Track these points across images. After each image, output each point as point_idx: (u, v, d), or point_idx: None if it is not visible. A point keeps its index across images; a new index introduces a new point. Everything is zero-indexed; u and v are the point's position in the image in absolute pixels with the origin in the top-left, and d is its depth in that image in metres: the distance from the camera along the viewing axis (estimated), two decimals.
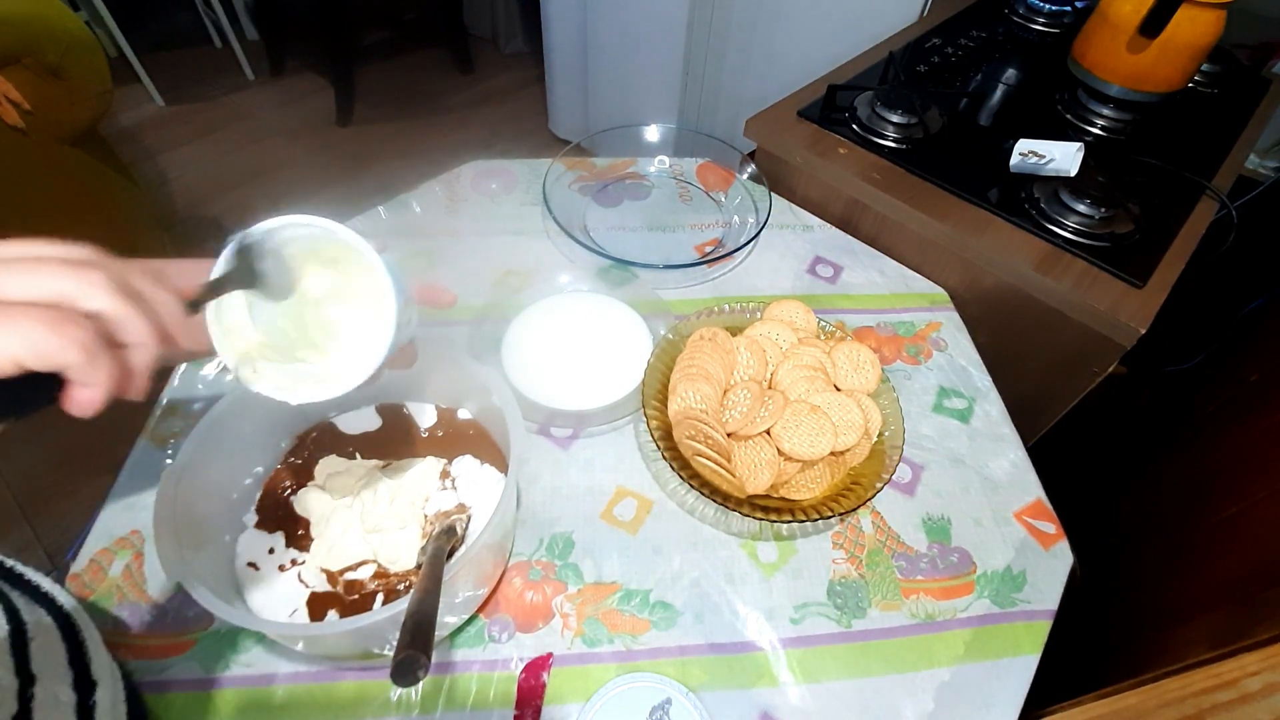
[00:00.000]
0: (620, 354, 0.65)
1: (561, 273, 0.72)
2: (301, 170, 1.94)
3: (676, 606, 0.52)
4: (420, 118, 2.17)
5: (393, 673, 0.32)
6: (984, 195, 0.79)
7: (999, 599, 0.54)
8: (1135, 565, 0.76)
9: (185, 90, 2.11)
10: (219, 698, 0.45)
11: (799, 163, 0.86)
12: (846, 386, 0.59)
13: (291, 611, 0.44)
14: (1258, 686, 0.41)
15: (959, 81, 1.00)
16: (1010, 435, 0.65)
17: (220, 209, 1.80)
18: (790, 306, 0.63)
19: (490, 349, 0.64)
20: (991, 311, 0.77)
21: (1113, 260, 0.73)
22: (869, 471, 0.56)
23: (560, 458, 0.59)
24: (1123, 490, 0.93)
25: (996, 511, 0.59)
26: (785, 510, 0.53)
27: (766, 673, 0.49)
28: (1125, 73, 0.86)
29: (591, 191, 0.84)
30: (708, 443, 0.53)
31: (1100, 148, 0.87)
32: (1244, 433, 0.74)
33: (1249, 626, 0.45)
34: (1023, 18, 1.15)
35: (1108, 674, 0.52)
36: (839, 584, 0.54)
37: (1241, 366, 0.88)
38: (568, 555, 0.53)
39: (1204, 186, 0.84)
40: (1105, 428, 1.11)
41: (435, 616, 0.35)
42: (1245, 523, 0.61)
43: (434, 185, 0.82)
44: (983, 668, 0.50)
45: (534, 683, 0.47)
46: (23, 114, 1.01)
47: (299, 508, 0.48)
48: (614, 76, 1.76)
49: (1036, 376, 0.80)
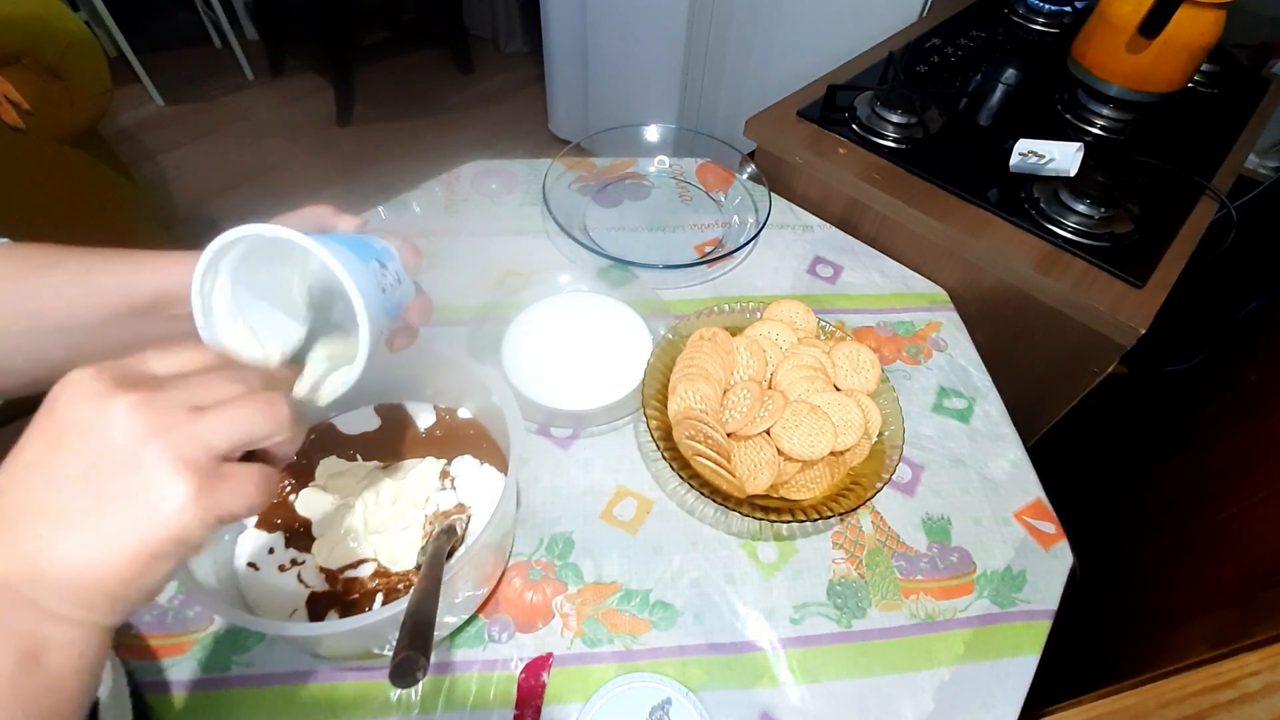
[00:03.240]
0: (620, 354, 0.65)
1: (561, 273, 0.72)
2: (301, 170, 1.93)
3: (676, 606, 0.51)
4: (420, 118, 2.17)
5: (391, 673, 0.31)
6: (984, 195, 0.79)
7: (999, 599, 0.54)
8: (1135, 565, 0.76)
9: (185, 90, 2.11)
10: (219, 698, 0.45)
11: (799, 163, 0.86)
12: (846, 386, 0.59)
13: (291, 611, 0.44)
14: (1258, 686, 0.41)
15: (959, 81, 1.00)
16: (1010, 435, 0.65)
17: (220, 209, 1.80)
18: (790, 306, 0.63)
19: (490, 349, 0.64)
20: (991, 311, 0.77)
21: (1112, 260, 0.73)
22: (869, 471, 0.56)
23: (560, 458, 0.59)
24: (1123, 490, 0.93)
25: (996, 511, 0.59)
26: (785, 510, 0.53)
27: (766, 673, 0.49)
28: (1125, 73, 0.86)
29: (591, 191, 0.84)
30: (708, 443, 0.53)
31: (1100, 148, 0.87)
32: (1244, 433, 0.74)
33: (1249, 626, 0.45)
34: (1022, 18, 1.15)
35: (1108, 674, 0.52)
36: (839, 584, 0.54)
37: (1241, 366, 0.88)
38: (568, 555, 0.53)
39: (1204, 186, 0.84)
40: (1105, 428, 1.11)
41: (435, 617, 0.35)
42: (1245, 523, 0.61)
43: (434, 185, 0.82)
44: (983, 668, 0.50)
45: (534, 683, 0.47)
46: (23, 114, 1.01)
47: (299, 508, 0.48)
48: (614, 76, 1.76)
49: (1036, 376, 0.80)
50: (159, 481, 0.23)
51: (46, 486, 0.23)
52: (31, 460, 0.23)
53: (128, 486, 0.23)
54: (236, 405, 0.25)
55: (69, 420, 0.23)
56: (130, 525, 0.22)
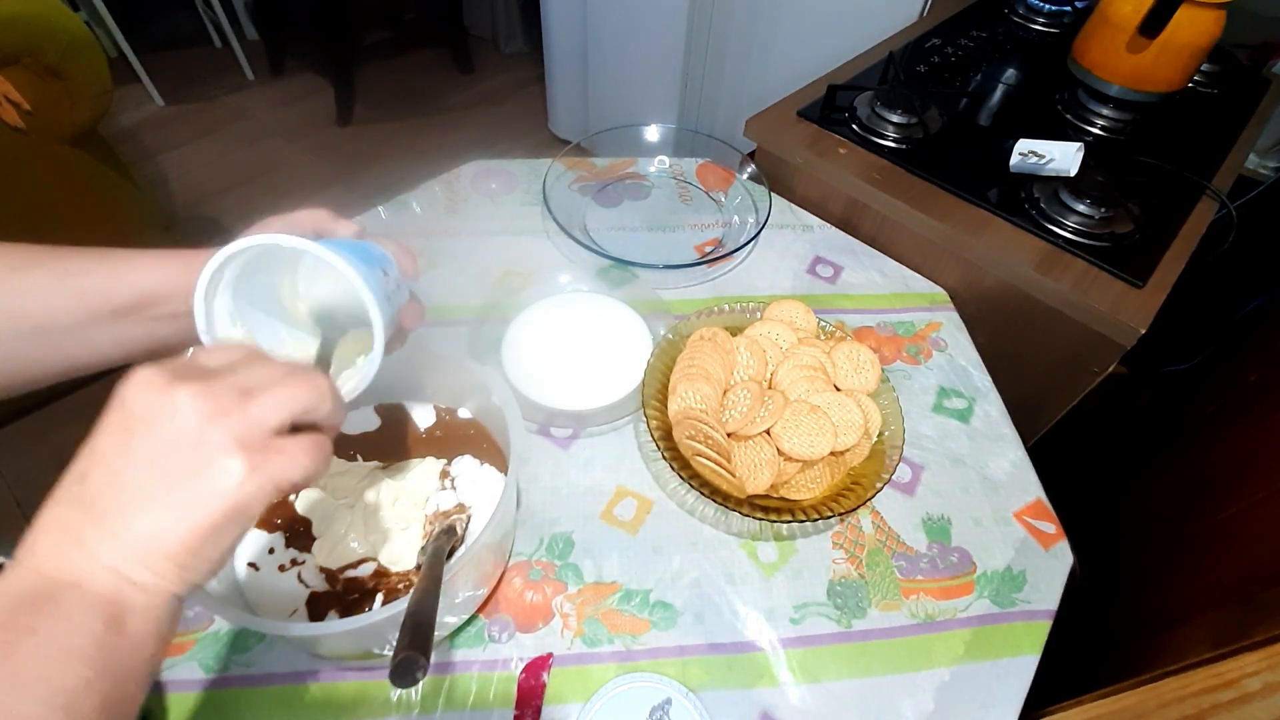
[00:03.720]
0: (620, 354, 0.65)
1: (561, 273, 0.72)
2: (301, 170, 1.93)
3: (676, 606, 0.51)
4: (420, 118, 2.16)
5: (391, 674, 0.31)
6: (984, 195, 0.79)
7: (999, 599, 0.54)
8: (1135, 565, 0.76)
9: (185, 90, 2.11)
10: (219, 698, 0.45)
11: (799, 163, 0.86)
12: (846, 386, 0.59)
13: (291, 611, 0.44)
14: (1258, 686, 0.41)
15: (959, 81, 1.00)
16: (1010, 435, 0.65)
17: (220, 209, 1.80)
18: (790, 306, 0.63)
19: (490, 349, 0.64)
20: (991, 311, 0.77)
21: (1112, 260, 0.73)
22: (869, 471, 0.56)
23: (560, 458, 0.59)
24: (1123, 490, 0.93)
25: (996, 511, 0.59)
26: (785, 510, 0.53)
27: (766, 673, 0.49)
28: (1125, 73, 0.86)
29: (591, 191, 0.84)
30: (708, 443, 0.53)
31: (1100, 148, 0.87)
32: (1244, 433, 0.74)
33: (1249, 626, 0.45)
34: (1023, 18, 1.15)
35: (1108, 674, 0.52)
36: (839, 584, 0.54)
37: (1241, 367, 0.88)
38: (568, 555, 0.53)
39: (1204, 186, 0.84)
40: (1105, 428, 1.11)
41: (435, 617, 0.35)
42: (1245, 523, 0.61)
43: (434, 185, 0.82)
44: (983, 668, 0.50)
45: (534, 683, 0.47)
46: (23, 114, 1.01)
47: (299, 508, 0.48)
48: (614, 76, 1.76)
49: (1036, 376, 0.80)
50: (218, 460, 0.25)
51: (122, 470, 0.25)
52: (107, 448, 0.26)
53: (193, 466, 0.25)
54: (282, 384, 0.28)
55: (138, 411, 0.26)
56: (196, 500, 0.25)
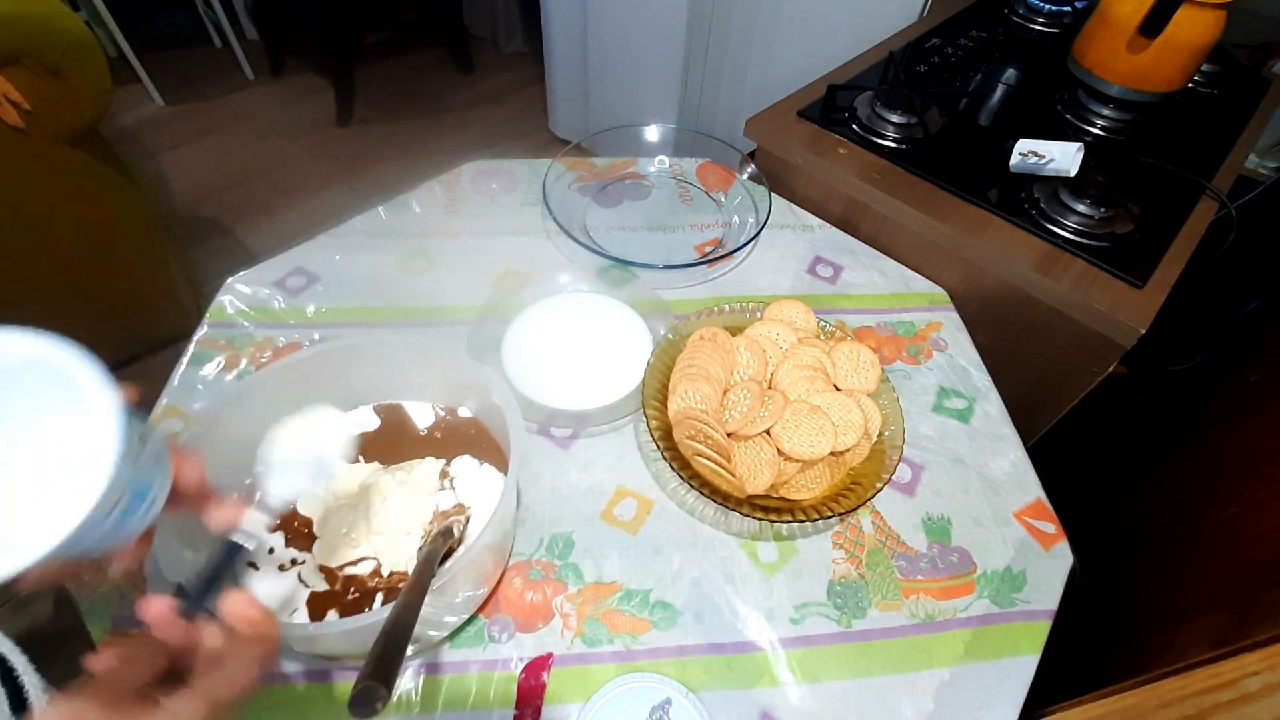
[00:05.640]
0: (620, 354, 0.65)
1: (561, 273, 0.72)
2: (302, 170, 1.93)
3: (676, 606, 0.51)
4: (420, 118, 2.16)
5: (350, 703, 0.29)
6: (984, 195, 0.79)
7: (999, 599, 0.54)
8: (1135, 565, 0.76)
9: (185, 90, 2.11)
10: None
11: (799, 163, 0.86)
12: (846, 386, 0.59)
13: (291, 611, 0.44)
14: (1258, 686, 0.41)
15: (959, 81, 1.00)
16: (1010, 435, 0.65)
17: (220, 209, 1.80)
18: (790, 306, 0.63)
19: (490, 349, 0.64)
20: (991, 311, 0.77)
21: (1112, 260, 0.73)
22: (869, 471, 0.56)
23: (560, 458, 0.59)
24: (1123, 490, 0.93)
25: (996, 511, 0.59)
26: (785, 510, 0.53)
27: (766, 673, 0.49)
28: (1125, 73, 0.86)
29: (591, 191, 0.84)
30: (708, 443, 0.53)
31: (1100, 148, 0.87)
32: (1244, 433, 0.74)
33: (1249, 626, 0.45)
34: (1023, 18, 1.15)
35: (1108, 674, 0.52)
36: (839, 584, 0.54)
37: (1241, 367, 0.88)
38: (568, 555, 0.53)
39: (1204, 186, 0.84)
40: (1105, 428, 1.11)
41: (408, 638, 0.34)
42: (1245, 523, 0.61)
43: (434, 185, 0.82)
44: (983, 668, 0.50)
45: (534, 683, 0.47)
46: (23, 114, 1.01)
47: (299, 508, 0.48)
48: (614, 76, 1.76)
49: (1036, 376, 0.80)
50: None
51: None
52: None
53: None
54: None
55: None
56: None
